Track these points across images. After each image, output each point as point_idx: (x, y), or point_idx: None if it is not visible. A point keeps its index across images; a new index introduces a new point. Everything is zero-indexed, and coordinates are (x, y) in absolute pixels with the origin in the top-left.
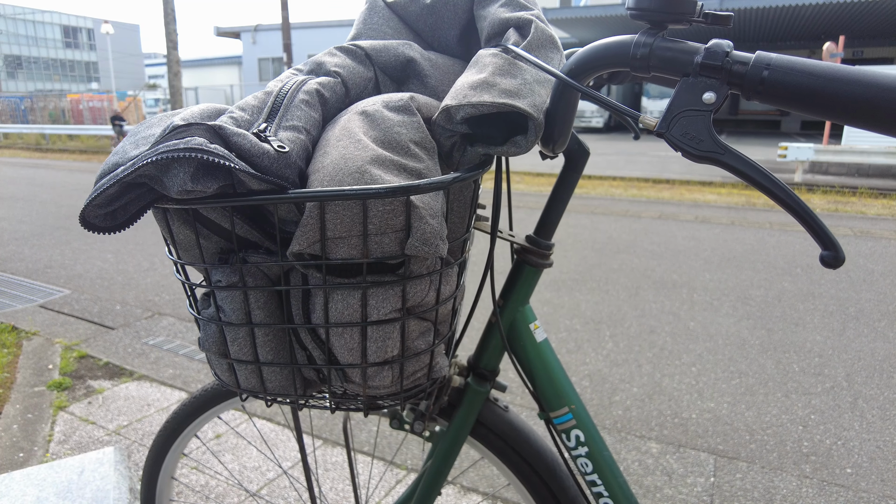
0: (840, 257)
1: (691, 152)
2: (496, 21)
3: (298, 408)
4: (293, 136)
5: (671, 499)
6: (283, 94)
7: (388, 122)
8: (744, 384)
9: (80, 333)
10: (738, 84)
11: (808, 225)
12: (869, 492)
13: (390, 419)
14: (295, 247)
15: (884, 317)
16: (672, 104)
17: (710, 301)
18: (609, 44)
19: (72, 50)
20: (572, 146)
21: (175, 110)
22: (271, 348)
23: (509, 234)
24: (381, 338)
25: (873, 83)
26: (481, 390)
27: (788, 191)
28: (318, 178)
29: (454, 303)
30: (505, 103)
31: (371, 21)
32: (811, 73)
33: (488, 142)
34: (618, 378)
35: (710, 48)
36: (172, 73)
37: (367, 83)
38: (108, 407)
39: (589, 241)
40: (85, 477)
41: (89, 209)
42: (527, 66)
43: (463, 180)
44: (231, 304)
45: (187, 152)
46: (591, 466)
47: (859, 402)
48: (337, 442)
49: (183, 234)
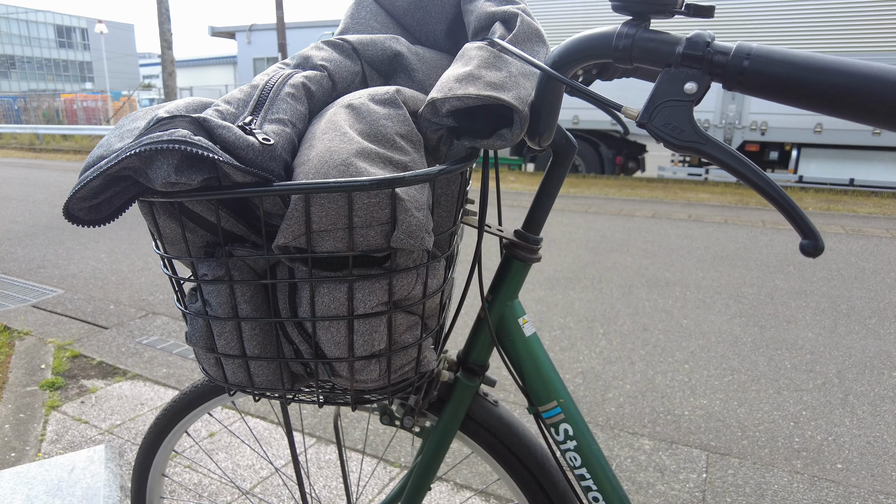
0: (819, 246)
1: (673, 142)
2: (483, 15)
3: (286, 402)
4: (278, 129)
5: (664, 495)
6: (268, 87)
7: (374, 115)
8: (736, 381)
9: (74, 333)
10: (720, 74)
11: (789, 214)
12: (859, 487)
13: (381, 415)
14: (280, 240)
15: (875, 314)
16: (654, 94)
17: (702, 299)
18: (592, 35)
19: (66, 50)
20: (559, 140)
21: (160, 104)
22: (258, 342)
23: (497, 228)
24: (368, 331)
25: (853, 72)
26: (470, 385)
27: (769, 180)
28: (303, 170)
29: (442, 297)
30: (490, 96)
31: (359, 15)
32: (791, 63)
33: (474, 135)
34: (611, 375)
35: (692, 39)
36: (167, 73)
37: (354, 77)
38: (102, 406)
39: (583, 240)
40: (75, 475)
41: (73, 202)
42: (512, 59)
43: (448, 173)
44: (217, 297)
45: (171, 144)
46: (580, 460)
47: (850, 398)
48: (330, 440)
49: (169, 227)
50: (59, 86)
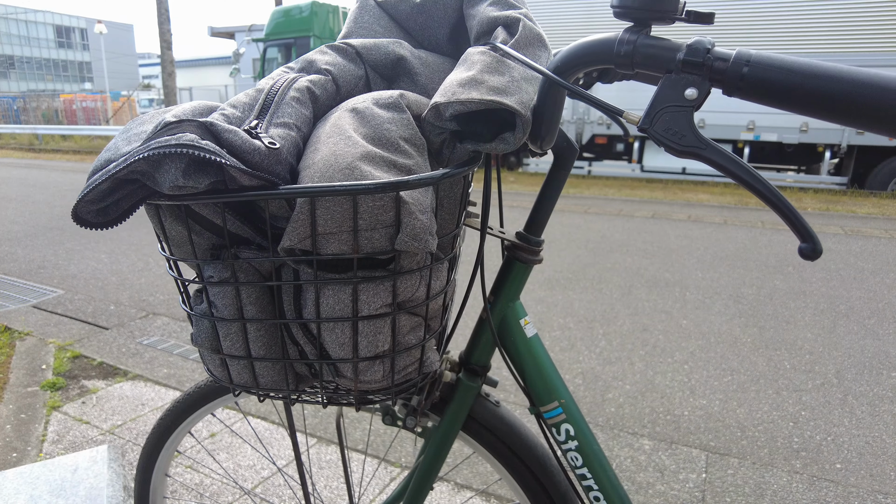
0: (818, 249)
1: (674, 147)
2: (485, 19)
3: (290, 402)
4: (284, 133)
5: (663, 495)
6: (274, 91)
7: (378, 118)
8: (735, 381)
9: (74, 333)
10: (720, 80)
11: (787, 218)
12: (858, 486)
13: (383, 415)
14: (286, 242)
15: (874, 314)
16: (655, 100)
17: (702, 299)
18: (594, 42)
19: (65, 50)
20: (560, 143)
21: (167, 107)
22: (263, 343)
23: (499, 230)
24: (372, 332)
25: (850, 80)
26: (473, 385)
27: (768, 184)
28: (308, 174)
29: (445, 298)
30: (493, 100)
31: (362, 20)
32: (790, 70)
33: (477, 139)
34: (611, 376)
35: (692, 45)
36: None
37: (357, 81)
38: (103, 406)
39: (583, 241)
40: (78, 475)
41: (81, 205)
42: (514, 64)
43: (452, 176)
44: (223, 299)
45: (178, 148)
46: (581, 460)
47: (849, 398)
48: (332, 440)
49: (175, 230)
50: (58, 86)
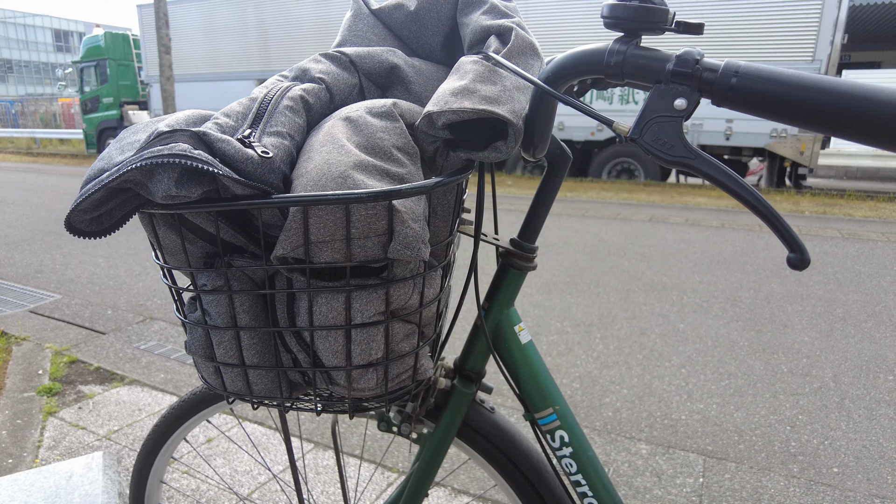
0: (806, 259)
1: (663, 157)
2: (478, 28)
3: (284, 410)
4: (277, 142)
5: (661, 499)
6: (267, 100)
7: (371, 127)
8: (733, 385)
9: (71, 338)
10: (709, 91)
11: (776, 228)
12: (855, 490)
13: (378, 421)
14: (279, 251)
15: (870, 318)
16: (645, 110)
17: (699, 303)
18: (584, 52)
19: (63, 54)
20: (554, 151)
21: (160, 116)
22: (257, 351)
23: (493, 237)
24: (366, 340)
25: (837, 91)
26: (467, 392)
27: (757, 195)
28: (301, 182)
29: (439, 305)
30: (485, 109)
31: (356, 28)
32: (777, 81)
33: (470, 147)
34: (608, 380)
35: (682, 56)
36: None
37: (351, 89)
38: (99, 412)
39: (580, 244)
40: (73, 482)
41: (75, 214)
42: (507, 73)
43: (444, 185)
44: (217, 307)
45: (171, 158)
46: (576, 466)
47: (846, 402)
48: (328, 445)
49: (169, 238)
50: (56, 90)
